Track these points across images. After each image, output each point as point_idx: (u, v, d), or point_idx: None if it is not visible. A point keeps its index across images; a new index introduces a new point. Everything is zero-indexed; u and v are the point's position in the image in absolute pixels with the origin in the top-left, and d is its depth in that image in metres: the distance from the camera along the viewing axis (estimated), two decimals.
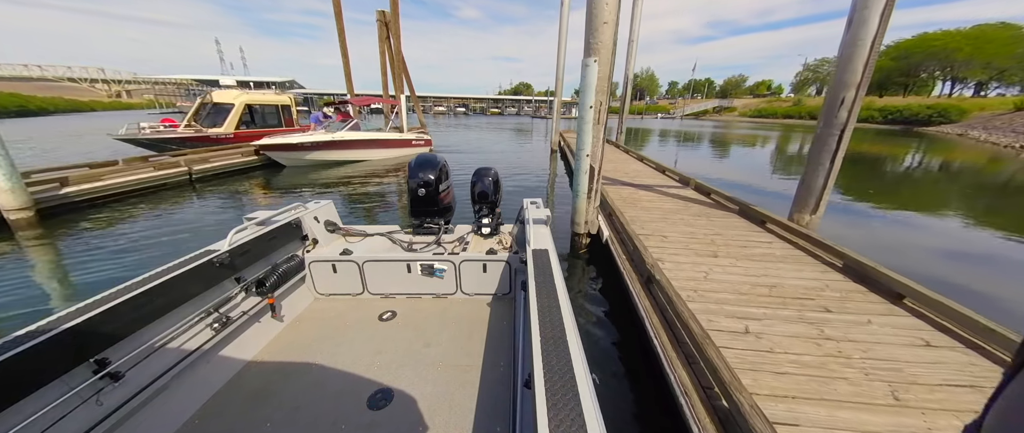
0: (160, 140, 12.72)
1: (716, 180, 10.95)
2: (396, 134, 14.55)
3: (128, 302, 1.69)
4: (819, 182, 4.44)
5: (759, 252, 4.02)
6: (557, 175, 12.30)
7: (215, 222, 6.75)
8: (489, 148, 19.80)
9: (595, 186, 4.73)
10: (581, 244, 5.06)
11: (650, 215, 5.39)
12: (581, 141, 4.46)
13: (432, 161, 3.12)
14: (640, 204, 6.05)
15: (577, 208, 4.88)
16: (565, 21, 15.06)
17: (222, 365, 2.17)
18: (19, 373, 1.34)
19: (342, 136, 12.18)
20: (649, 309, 2.88)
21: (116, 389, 1.64)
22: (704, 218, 5.27)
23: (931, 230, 7.30)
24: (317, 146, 11.70)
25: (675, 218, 5.25)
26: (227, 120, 13.76)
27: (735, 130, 38.90)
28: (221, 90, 15.52)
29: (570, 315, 1.46)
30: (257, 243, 2.47)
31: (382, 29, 18.87)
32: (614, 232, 4.64)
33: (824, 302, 3.01)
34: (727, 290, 3.17)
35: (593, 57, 4.12)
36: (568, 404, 1.02)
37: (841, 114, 4.15)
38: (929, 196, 10.39)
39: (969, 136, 33.88)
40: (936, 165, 17.07)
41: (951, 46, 48.18)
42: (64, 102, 49.82)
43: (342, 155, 12.58)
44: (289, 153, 11.46)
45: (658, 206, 5.93)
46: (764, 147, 24.12)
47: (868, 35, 3.81)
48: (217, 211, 7.59)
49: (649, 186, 7.46)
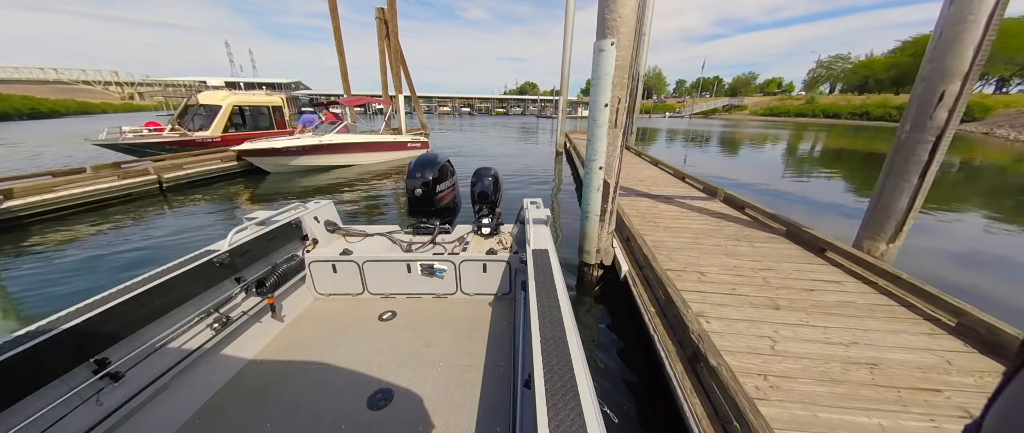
0: (142, 145, 11.93)
1: (744, 187, 9.99)
2: (391, 136, 13.68)
3: (128, 302, 1.69)
4: (901, 203, 3.43)
5: (833, 300, 3.03)
6: (562, 182, 11.34)
7: (179, 242, 5.84)
8: (491, 150, 19.00)
9: (610, 207, 3.75)
10: (591, 277, 4.03)
11: (677, 239, 4.40)
12: (592, 149, 3.47)
13: (431, 161, 3.07)
14: (662, 223, 5.04)
15: (586, 233, 3.84)
16: (571, 16, 14.01)
17: (222, 365, 2.16)
18: (19, 373, 1.34)
19: (331, 140, 11.37)
20: (699, 411, 1.93)
21: (116, 389, 1.64)
22: (745, 243, 4.29)
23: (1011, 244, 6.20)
24: (304, 151, 10.89)
25: (708, 244, 4.26)
26: (214, 123, 12.89)
27: (748, 129, 37.56)
28: (208, 91, 14.65)
29: (570, 315, 1.45)
30: (257, 243, 2.46)
31: (381, 27, 18.18)
32: (635, 266, 3.69)
33: (957, 394, 2.04)
34: (812, 375, 2.20)
35: (609, 38, 3.12)
36: (568, 404, 1.02)
37: (938, 115, 3.13)
38: (992, 202, 9.22)
39: (996, 135, 32.45)
40: (975, 166, 15.75)
41: None
42: (75, 104, 49.96)
43: (331, 160, 11.79)
44: (273, 158, 10.62)
45: (685, 225, 4.93)
46: (777, 146, 22.93)
47: (983, 8, 2.82)
48: (183, 228, 6.61)
49: (669, 197, 6.42)
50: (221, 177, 10.34)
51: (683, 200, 6.24)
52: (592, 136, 3.44)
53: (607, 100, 3.25)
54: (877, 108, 46.03)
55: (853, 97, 54.99)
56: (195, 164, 9.87)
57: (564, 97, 15.58)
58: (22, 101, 42.02)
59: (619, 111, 3.35)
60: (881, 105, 46.22)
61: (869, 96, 52.84)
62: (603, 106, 3.28)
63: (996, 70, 49.67)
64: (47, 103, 45.19)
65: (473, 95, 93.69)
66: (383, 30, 17.75)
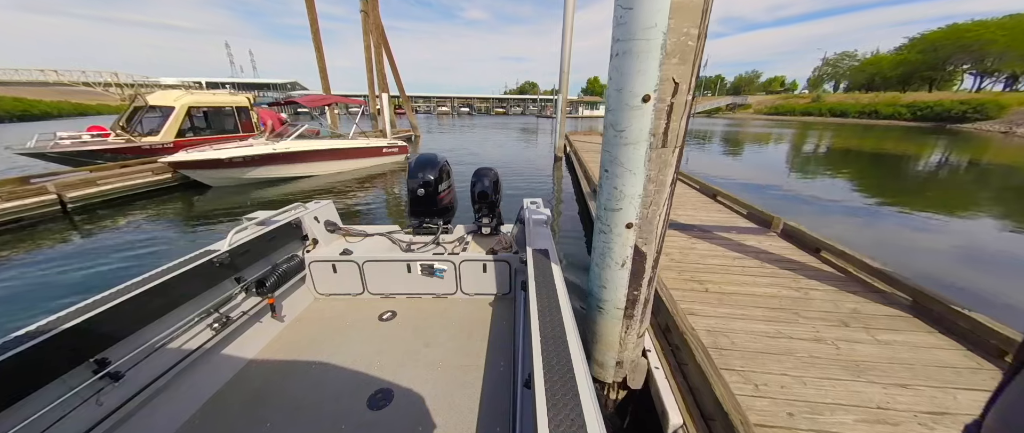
0: (77, 153, 10.29)
1: (774, 196, 8.52)
2: (362, 141, 11.91)
3: (128, 302, 1.69)
4: None
5: None
6: (562, 190, 9.76)
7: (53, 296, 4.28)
8: (488, 153, 17.45)
9: (645, 294, 2.03)
10: (607, 400, 2.46)
11: (746, 319, 2.74)
12: (612, 183, 1.81)
13: (432, 161, 3.04)
14: (709, 281, 3.33)
15: (599, 331, 2.19)
16: (571, 9, 12.39)
17: (222, 365, 2.15)
18: (19, 373, 1.34)
19: (288, 147, 9.69)
20: None
21: (116, 389, 1.64)
22: (861, 328, 2.64)
23: None
24: (253, 162, 9.18)
25: (801, 333, 2.58)
26: (166, 126, 11.30)
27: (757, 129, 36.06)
28: (161, 91, 12.97)
29: (570, 315, 1.46)
30: (257, 243, 2.45)
31: (365, 20, 16.65)
32: (689, 404, 2.06)
33: None
34: None
35: None
36: (568, 404, 1.02)
37: None
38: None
39: (1016, 134, 30.97)
40: (1006, 170, 14.25)
41: (985, 37, 45.15)
42: (70, 106, 48.89)
43: (288, 171, 10.14)
44: (214, 172, 8.94)
45: (748, 290, 3.18)
46: (787, 146, 21.25)
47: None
48: (76, 263, 5.11)
49: (707, 230, 4.69)
50: (150, 193, 8.60)
51: (726, 234, 4.50)
52: (612, 160, 1.77)
53: (650, 87, 1.58)
54: (886, 107, 44.58)
55: (861, 95, 53.82)
56: (117, 178, 8.12)
57: (563, 95, 13.89)
58: (13, 103, 40.94)
59: (675, 110, 1.66)
60: (890, 103, 44.80)
61: (878, 94, 51.67)
62: (639, 100, 1.60)
63: (1009, 66, 48.31)
64: (40, 105, 44.06)
65: (473, 95, 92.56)
66: (367, 23, 16.28)
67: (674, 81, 1.54)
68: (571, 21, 12.50)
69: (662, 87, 1.55)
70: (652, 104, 1.57)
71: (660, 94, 1.56)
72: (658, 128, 1.62)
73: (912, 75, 54.36)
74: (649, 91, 1.55)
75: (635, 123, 1.61)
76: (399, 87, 21.12)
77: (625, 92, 1.60)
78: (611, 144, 1.74)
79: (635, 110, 1.59)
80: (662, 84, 1.54)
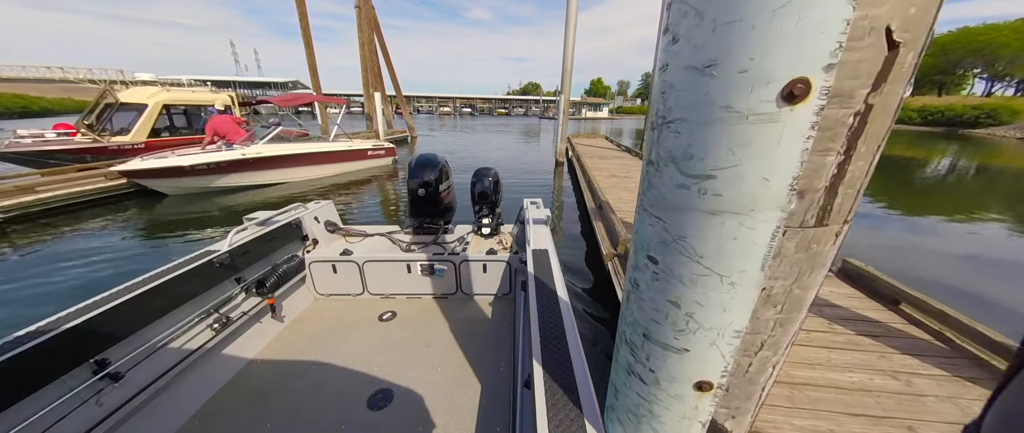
0: (36, 154, 9.46)
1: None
2: (344, 144, 10.80)
3: (128, 302, 1.69)
4: None
5: None
6: (563, 203, 8.81)
7: None
8: (486, 156, 16.42)
9: None
10: None
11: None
12: (667, 286, 0.69)
13: (432, 161, 3.04)
14: None
15: None
16: (574, 8, 11.37)
17: (222, 365, 2.16)
18: (19, 373, 1.34)
19: (258, 152, 8.54)
20: None
21: (116, 389, 1.64)
22: None
23: None
24: (220, 169, 8.14)
25: None
26: (137, 126, 10.44)
27: None
28: (134, 88, 11.90)
29: (570, 315, 1.45)
30: (257, 243, 2.45)
31: (359, 15, 15.93)
32: None
33: None
34: None
35: None
36: (568, 404, 1.01)
37: None
38: None
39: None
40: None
41: (998, 41, 44.23)
42: (73, 103, 48.12)
43: (260, 178, 8.97)
44: (175, 180, 7.89)
45: (825, 375, 2.22)
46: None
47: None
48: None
49: None
50: (97, 201, 7.47)
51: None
52: (667, 238, 0.66)
53: (811, 60, 0.47)
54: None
55: None
56: (62, 184, 7.12)
57: (566, 95, 12.67)
58: (13, 99, 40.69)
59: (873, 121, 0.72)
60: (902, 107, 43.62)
61: None
62: (771, 92, 0.49)
63: (1019, 70, 47.46)
64: (41, 101, 43.60)
65: (475, 95, 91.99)
66: (361, 18, 15.57)
67: (891, 33, 0.63)
68: (574, 20, 11.47)
69: (852, 58, 0.64)
70: (812, 103, 0.54)
71: (841, 76, 0.66)
72: (820, 170, 0.71)
73: (922, 79, 53.46)
74: (804, 72, 0.49)
75: (750, 160, 0.54)
76: (395, 85, 20.27)
77: (725, 80, 0.52)
78: (662, 198, 0.65)
79: (750, 123, 0.52)
80: (854, 46, 0.63)
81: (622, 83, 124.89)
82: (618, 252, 3.70)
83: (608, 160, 11.37)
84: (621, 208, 5.61)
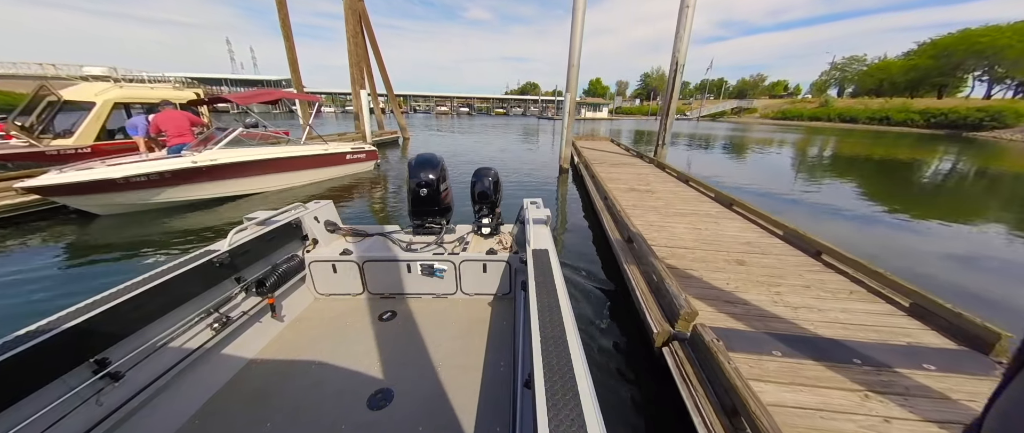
0: None
1: None
2: (318, 147, 9.29)
3: (128, 302, 1.69)
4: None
5: None
6: (568, 219, 7.19)
7: None
8: (483, 159, 15.72)
9: None
10: None
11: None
12: None
13: (432, 161, 3.05)
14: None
15: None
16: (582, 6, 10.26)
17: (222, 365, 2.16)
18: (19, 373, 1.34)
19: (212, 160, 6.93)
20: None
21: (116, 389, 1.64)
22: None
23: None
24: (159, 181, 6.45)
25: None
26: (82, 127, 8.94)
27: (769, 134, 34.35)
28: (83, 83, 10.17)
29: (570, 315, 1.45)
30: (257, 243, 2.45)
31: (346, 7, 15.49)
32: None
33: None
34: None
35: None
36: (568, 404, 1.01)
37: None
38: None
39: None
40: None
41: (1000, 43, 44.01)
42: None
43: (216, 190, 7.32)
44: (106, 196, 6.15)
45: None
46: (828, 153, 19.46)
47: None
48: None
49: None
50: (16, 219, 6.03)
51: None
52: None
53: None
54: (898, 113, 43.35)
55: (870, 100, 52.40)
56: None
57: (572, 95, 11.04)
58: (3, 97, 40.05)
59: None
60: (902, 109, 43.54)
61: (888, 100, 50.24)
62: None
63: (1021, 73, 47.26)
64: (26, 98, 43.21)
65: (474, 95, 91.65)
66: (347, 9, 15.17)
67: None
68: (582, 12, 10.21)
69: None
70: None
71: None
72: None
73: (922, 81, 53.20)
74: None
75: None
76: (385, 82, 19.71)
77: None
78: None
79: None
80: None
81: (621, 83, 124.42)
82: (677, 331, 2.45)
83: (620, 168, 9.88)
84: (653, 237, 4.22)
